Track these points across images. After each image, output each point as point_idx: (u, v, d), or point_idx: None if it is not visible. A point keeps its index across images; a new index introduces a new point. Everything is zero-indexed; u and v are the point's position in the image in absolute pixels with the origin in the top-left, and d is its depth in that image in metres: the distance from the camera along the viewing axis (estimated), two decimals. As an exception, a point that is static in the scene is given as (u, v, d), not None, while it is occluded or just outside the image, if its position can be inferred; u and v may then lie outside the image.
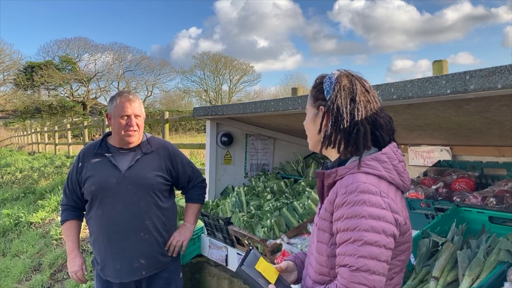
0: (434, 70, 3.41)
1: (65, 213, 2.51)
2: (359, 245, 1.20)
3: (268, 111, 2.56)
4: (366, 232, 1.20)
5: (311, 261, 1.41)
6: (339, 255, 1.24)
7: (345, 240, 1.23)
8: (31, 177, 11.39)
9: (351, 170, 1.29)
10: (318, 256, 1.34)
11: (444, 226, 2.08)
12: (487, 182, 2.45)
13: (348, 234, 1.22)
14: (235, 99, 40.92)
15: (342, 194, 1.26)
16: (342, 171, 1.31)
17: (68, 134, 16.43)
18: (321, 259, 1.34)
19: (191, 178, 2.62)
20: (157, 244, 2.44)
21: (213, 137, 3.57)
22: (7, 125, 35.09)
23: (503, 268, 1.66)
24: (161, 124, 7.88)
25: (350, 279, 1.20)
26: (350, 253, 1.21)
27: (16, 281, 5.20)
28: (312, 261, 1.40)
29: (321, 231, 1.34)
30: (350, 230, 1.22)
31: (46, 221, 7.14)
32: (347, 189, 1.25)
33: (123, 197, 2.36)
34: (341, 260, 1.23)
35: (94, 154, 2.44)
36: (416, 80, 1.68)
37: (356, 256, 1.20)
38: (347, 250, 1.22)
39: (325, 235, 1.32)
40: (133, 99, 2.40)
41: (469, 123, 2.08)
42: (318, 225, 1.37)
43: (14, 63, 36.69)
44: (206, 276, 3.46)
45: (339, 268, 1.24)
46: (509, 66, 1.35)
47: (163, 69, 40.58)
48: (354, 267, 1.20)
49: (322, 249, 1.33)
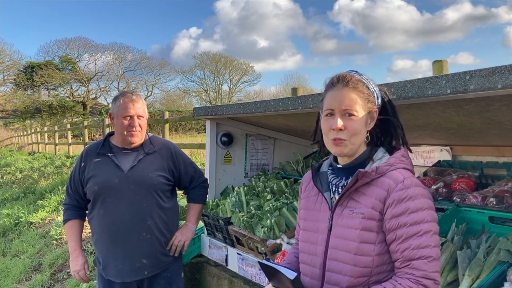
0: (434, 70, 3.41)
1: (68, 213, 2.51)
2: (430, 236, 1.27)
3: (268, 111, 2.56)
4: (431, 223, 1.29)
5: (336, 267, 1.36)
6: (407, 250, 1.27)
7: (414, 233, 1.27)
8: (31, 177, 11.39)
9: (392, 166, 1.35)
10: (360, 258, 1.32)
11: (444, 226, 2.08)
12: (487, 182, 2.45)
13: (418, 227, 1.27)
14: (235, 99, 40.92)
15: (399, 190, 1.30)
16: (383, 168, 1.35)
17: (68, 134, 16.43)
18: (365, 260, 1.32)
19: (193, 178, 2.63)
20: (159, 244, 2.44)
21: (213, 137, 3.57)
22: (7, 125, 35.08)
23: (503, 268, 1.66)
24: (161, 124, 7.88)
25: (430, 269, 1.25)
26: (424, 245, 1.26)
27: (16, 281, 5.20)
28: (343, 267, 1.34)
29: (367, 232, 1.32)
30: (417, 223, 1.28)
31: (46, 221, 7.14)
32: (404, 184, 1.31)
33: (126, 197, 2.36)
34: (413, 254, 1.26)
35: (97, 154, 2.44)
36: (416, 80, 1.68)
37: (431, 247, 1.26)
38: (420, 243, 1.26)
39: (372, 235, 1.32)
40: (136, 99, 2.40)
41: (469, 123, 2.08)
42: (361, 227, 1.33)
43: (14, 63, 36.73)
44: (206, 276, 3.46)
45: (413, 261, 1.26)
46: (509, 66, 1.35)
47: (163, 69, 40.63)
48: (431, 257, 1.26)
49: (367, 250, 1.32)
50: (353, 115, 1.35)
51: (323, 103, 1.41)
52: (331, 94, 1.38)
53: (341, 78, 1.38)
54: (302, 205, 1.55)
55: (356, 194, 1.37)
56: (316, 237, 1.44)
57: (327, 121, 1.38)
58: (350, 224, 1.35)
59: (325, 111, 1.39)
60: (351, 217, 1.35)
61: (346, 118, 1.34)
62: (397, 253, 1.29)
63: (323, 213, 1.44)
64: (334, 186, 1.45)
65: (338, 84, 1.37)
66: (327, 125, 1.38)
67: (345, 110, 1.34)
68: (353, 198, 1.37)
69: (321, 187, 1.47)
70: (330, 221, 1.41)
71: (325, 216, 1.43)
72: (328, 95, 1.39)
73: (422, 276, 1.24)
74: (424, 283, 1.24)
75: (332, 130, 1.36)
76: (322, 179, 1.49)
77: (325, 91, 1.42)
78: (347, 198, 1.38)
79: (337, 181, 1.44)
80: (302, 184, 1.61)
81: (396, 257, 1.30)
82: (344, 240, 1.35)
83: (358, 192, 1.37)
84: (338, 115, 1.35)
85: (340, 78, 1.38)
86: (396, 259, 1.30)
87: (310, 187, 1.55)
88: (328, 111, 1.37)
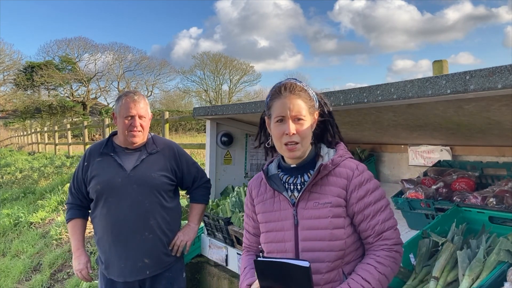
0: (434, 70, 3.42)
1: (71, 212, 2.51)
2: (389, 209, 1.50)
3: (268, 111, 2.56)
4: (385, 198, 1.52)
5: (312, 257, 1.45)
6: (377, 225, 1.46)
7: (378, 210, 1.48)
8: (31, 177, 11.40)
9: (342, 157, 1.53)
10: (335, 243, 1.45)
11: (444, 226, 2.08)
12: (487, 182, 2.45)
13: (380, 203, 1.49)
14: (235, 99, 40.92)
15: (357, 176, 1.49)
16: (337, 160, 1.52)
17: (68, 134, 16.44)
18: (339, 244, 1.45)
19: (196, 178, 2.63)
20: (161, 244, 2.44)
21: (213, 137, 3.57)
22: (7, 125, 35.09)
23: (503, 268, 1.66)
24: (161, 124, 7.89)
25: (397, 236, 1.49)
26: (388, 217, 1.48)
27: (16, 281, 5.20)
28: (320, 255, 1.45)
29: (336, 218, 1.46)
30: (378, 200, 1.49)
31: (46, 221, 7.14)
32: (359, 171, 1.50)
33: (128, 197, 2.37)
34: (382, 227, 1.47)
35: (100, 154, 2.45)
36: (416, 80, 1.68)
37: (392, 217, 1.50)
38: (385, 217, 1.48)
39: (340, 220, 1.47)
40: (138, 100, 2.40)
41: (469, 123, 2.08)
42: (331, 215, 1.45)
43: (14, 63, 36.74)
44: (206, 276, 3.46)
45: (383, 233, 1.46)
46: (509, 66, 1.35)
47: (163, 69, 40.64)
48: (395, 226, 1.50)
49: (339, 234, 1.46)
50: (302, 119, 1.48)
51: (272, 111, 1.52)
52: (280, 102, 1.49)
53: (288, 86, 1.50)
54: (259, 210, 1.62)
55: (315, 187, 1.51)
56: (283, 235, 1.52)
57: (278, 127, 1.49)
58: (318, 215, 1.47)
59: (276, 118, 1.49)
60: (317, 208, 1.48)
61: (296, 122, 1.48)
62: (368, 230, 1.48)
63: (285, 211, 1.54)
64: (292, 185, 1.56)
65: (285, 92, 1.49)
66: (279, 130, 1.48)
67: (295, 115, 1.47)
68: (314, 191, 1.50)
69: (278, 187, 1.56)
70: (295, 216, 1.51)
71: (287, 214, 1.53)
72: (277, 102, 1.50)
73: (393, 244, 1.47)
74: (396, 249, 1.47)
75: (285, 135, 1.47)
76: (275, 181, 1.58)
77: (271, 99, 1.53)
78: (308, 192, 1.51)
79: (293, 180, 1.56)
80: (252, 191, 1.69)
81: (368, 234, 1.48)
82: (315, 231, 1.47)
83: (317, 185, 1.50)
84: (290, 121, 1.47)
85: (287, 86, 1.50)
86: (368, 235, 1.48)
87: (262, 191, 1.64)
88: (279, 117, 1.48)
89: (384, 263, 1.44)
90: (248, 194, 1.71)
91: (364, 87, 1.93)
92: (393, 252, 1.46)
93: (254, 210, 1.67)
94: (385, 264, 1.43)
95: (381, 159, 3.29)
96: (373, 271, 1.42)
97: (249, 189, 1.71)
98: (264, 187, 1.63)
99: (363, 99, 1.92)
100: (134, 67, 39.32)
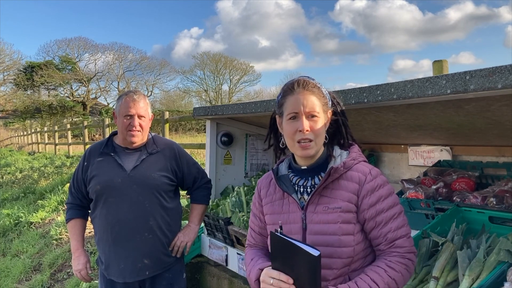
0: (434, 70, 3.42)
1: (70, 212, 2.51)
2: (402, 216, 1.43)
3: (268, 111, 2.56)
4: (399, 205, 1.45)
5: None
6: (390, 232, 1.39)
7: (391, 217, 1.41)
8: (31, 177, 11.40)
9: (355, 160, 1.46)
10: (343, 250, 1.39)
11: (444, 226, 2.08)
12: (487, 182, 2.45)
13: (393, 210, 1.42)
14: (235, 99, 40.91)
15: (370, 181, 1.42)
16: (349, 163, 1.45)
17: (68, 134, 16.43)
18: (347, 251, 1.39)
19: (197, 178, 2.62)
20: (161, 244, 2.44)
21: (213, 137, 3.57)
22: (7, 125, 35.07)
23: (503, 268, 1.66)
24: (161, 124, 7.89)
25: (410, 244, 1.42)
26: (401, 225, 1.41)
27: (16, 281, 5.20)
28: (327, 261, 1.38)
29: (346, 224, 1.40)
30: (391, 207, 1.42)
31: (46, 221, 7.14)
32: (372, 175, 1.43)
33: (128, 197, 2.36)
34: (394, 235, 1.40)
35: (100, 153, 2.44)
36: (416, 80, 1.68)
37: (405, 225, 1.43)
38: (397, 225, 1.41)
39: (350, 227, 1.40)
40: (138, 99, 2.39)
41: (469, 123, 2.08)
42: (341, 220, 1.39)
43: (14, 63, 36.74)
44: (206, 276, 3.46)
45: (396, 241, 1.40)
46: (509, 66, 1.35)
47: (163, 69, 40.65)
48: (408, 234, 1.42)
49: (348, 241, 1.39)
50: (316, 116, 1.42)
51: (284, 108, 1.46)
52: (293, 98, 1.43)
53: (301, 82, 1.45)
54: (268, 211, 1.57)
55: (326, 191, 1.44)
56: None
57: (291, 124, 1.43)
58: (328, 220, 1.41)
59: (288, 115, 1.44)
60: (326, 213, 1.41)
61: (310, 119, 1.41)
62: (380, 237, 1.41)
63: (293, 214, 1.48)
64: (301, 187, 1.50)
65: (298, 88, 1.44)
66: (292, 128, 1.42)
67: (308, 112, 1.41)
68: (324, 195, 1.44)
69: (287, 189, 1.50)
70: (303, 220, 1.45)
71: (296, 217, 1.47)
72: (290, 99, 1.44)
73: (406, 252, 1.40)
74: (409, 257, 1.40)
75: (299, 131, 1.41)
76: (285, 182, 1.53)
77: (283, 96, 1.47)
78: (318, 196, 1.44)
79: (304, 182, 1.50)
80: (261, 191, 1.63)
81: (379, 241, 1.42)
82: (323, 236, 1.40)
83: (328, 189, 1.44)
84: (303, 117, 1.41)
85: (300, 82, 1.45)
86: (380, 242, 1.42)
87: (271, 192, 1.58)
88: (292, 114, 1.43)
89: (395, 268, 1.37)
90: (257, 193, 1.65)
91: (364, 87, 1.93)
92: (405, 259, 1.39)
93: (262, 211, 1.61)
94: (396, 270, 1.37)
95: (381, 159, 3.29)
96: (383, 274, 1.36)
97: (257, 188, 1.65)
98: (273, 188, 1.57)
99: (363, 99, 1.92)
100: (134, 67, 39.38)
